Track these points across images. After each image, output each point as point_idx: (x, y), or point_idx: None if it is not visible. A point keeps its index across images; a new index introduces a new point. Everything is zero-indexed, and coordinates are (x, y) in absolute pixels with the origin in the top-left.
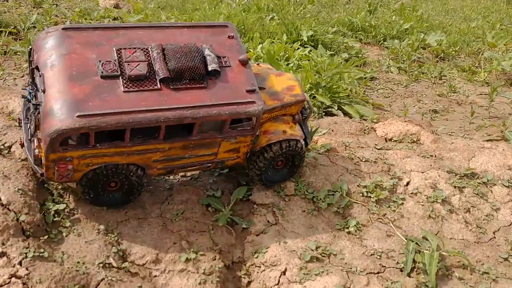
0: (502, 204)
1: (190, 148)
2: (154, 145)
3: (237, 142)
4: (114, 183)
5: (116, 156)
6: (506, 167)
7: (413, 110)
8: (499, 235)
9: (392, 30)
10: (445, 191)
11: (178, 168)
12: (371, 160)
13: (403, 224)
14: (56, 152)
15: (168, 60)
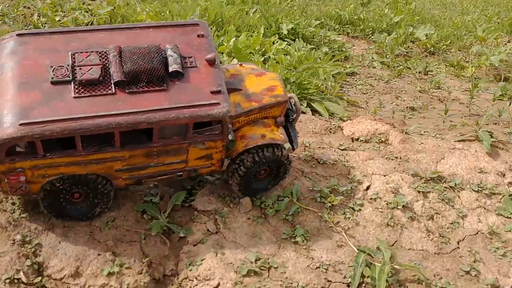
0: (469, 211)
1: (154, 156)
2: (112, 153)
3: (207, 148)
4: (78, 194)
5: (73, 166)
6: (477, 170)
7: (389, 107)
8: (464, 245)
9: (382, 23)
10: (407, 197)
11: (147, 178)
12: (331, 162)
13: (357, 233)
14: (3, 163)
15: (124, 63)
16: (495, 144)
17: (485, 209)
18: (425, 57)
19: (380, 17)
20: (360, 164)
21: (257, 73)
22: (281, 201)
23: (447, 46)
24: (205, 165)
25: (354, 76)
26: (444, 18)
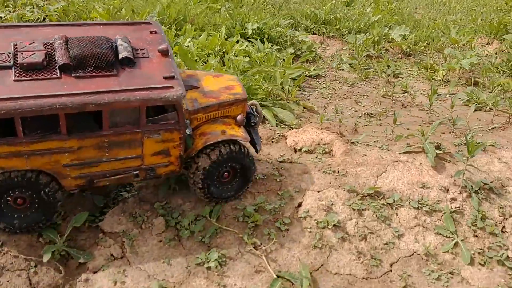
0: (406, 230)
1: (106, 149)
2: (58, 142)
3: (164, 141)
4: (22, 200)
5: (14, 159)
6: (420, 184)
7: (347, 113)
8: (396, 268)
9: (359, 23)
10: (340, 215)
11: (99, 177)
12: (263, 176)
13: (280, 256)
14: None
15: (70, 48)
16: (442, 156)
17: (424, 227)
18: (400, 59)
19: (359, 17)
20: (295, 178)
21: (214, 75)
22: (199, 221)
23: (425, 47)
24: (163, 163)
25: (319, 79)
26: (427, 18)
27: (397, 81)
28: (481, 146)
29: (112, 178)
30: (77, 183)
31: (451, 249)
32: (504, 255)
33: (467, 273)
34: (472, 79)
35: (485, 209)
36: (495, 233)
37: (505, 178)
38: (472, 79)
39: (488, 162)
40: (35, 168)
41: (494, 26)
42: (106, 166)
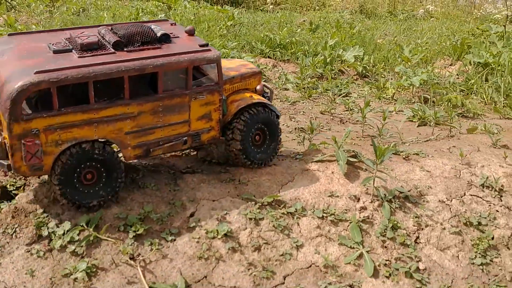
0: (307, 240)
1: (160, 114)
2: (122, 108)
3: (206, 103)
4: (91, 174)
5: (85, 128)
6: (328, 193)
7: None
8: (290, 280)
9: (317, 46)
10: (234, 224)
11: (154, 146)
12: (158, 185)
13: (160, 267)
14: (19, 121)
15: (117, 31)
16: (358, 165)
17: (327, 238)
18: (355, 80)
19: (317, 40)
20: (192, 188)
21: (227, 59)
22: (74, 231)
23: (383, 69)
24: (206, 129)
25: None
26: (389, 42)
27: (343, 99)
28: (389, 151)
29: (165, 146)
30: (135, 153)
31: (354, 260)
32: (413, 267)
33: (369, 285)
34: (422, 96)
35: (399, 218)
36: (407, 244)
37: (424, 187)
38: (422, 96)
39: (408, 170)
40: (102, 137)
41: (458, 48)
42: (160, 133)
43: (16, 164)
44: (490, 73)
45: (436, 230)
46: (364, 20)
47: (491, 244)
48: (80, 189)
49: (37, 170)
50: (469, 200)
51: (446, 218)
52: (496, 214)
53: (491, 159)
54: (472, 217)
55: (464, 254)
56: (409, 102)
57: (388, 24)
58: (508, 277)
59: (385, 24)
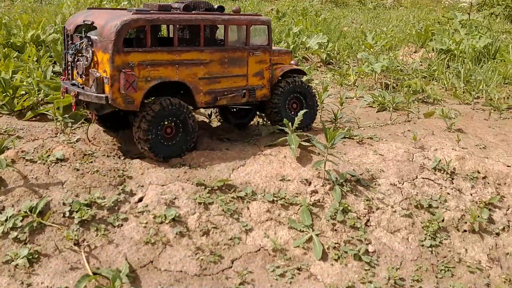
0: (256, 224)
1: (226, 64)
2: (197, 53)
3: (260, 61)
4: (170, 129)
5: (169, 68)
6: (279, 177)
7: None
8: (238, 264)
9: (281, 34)
10: (182, 209)
11: (220, 95)
12: (107, 171)
13: (105, 252)
14: (120, 53)
15: (183, 1)
16: (311, 149)
17: (276, 221)
18: (319, 67)
19: (281, 27)
20: (141, 173)
21: None
22: (17, 217)
23: (347, 56)
24: (259, 85)
25: None
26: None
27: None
28: (340, 134)
29: (229, 96)
30: (206, 99)
31: (303, 243)
32: (362, 250)
33: (317, 268)
34: (383, 82)
35: (350, 201)
36: (357, 227)
37: (377, 170)
38: (383, 82)
39: (361, 154)
40: (181, 79)
41: (422, 35)
42: (225, 83)
43: (114, 95)
44: (451, 59)
45: (386, 213)
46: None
47: (441, 226)
48: (163, 142)
49: (130, 103)
50: (421, 183)
51: (397, 201)
52: (447, 197)
53: (444, 143)
54: (423, 199)
55: (414, 236)
56: (371, 88)
57: (356, 13)
58: (456, 258)
59: (354, 13)
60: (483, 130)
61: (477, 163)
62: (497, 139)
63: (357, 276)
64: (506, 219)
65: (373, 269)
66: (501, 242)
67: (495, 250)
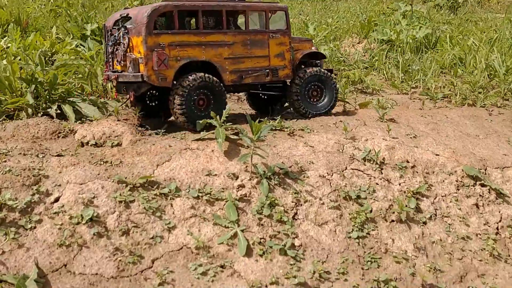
0: (180, 222)
1: (248, 46)
2: (221, 35)
3: (280, 44)
4: (203, 101)
5: (196, 48)
6: (205, 172)
7: None
8: (158, 264)
9: None
10: (101, 208)
11: (245, 74)
12: (18, 170)
13: (14, 257)
14: (151, 35)
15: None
16: (240, 143)
17: (201, 218)
18: None
19: None
20: (59, 171)
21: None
22: None
23: None
24: (281, 66)
25: None
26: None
27: None
28: (266, 127)
29: (253, 75)
30: (232, 77)
31: (228, 240)
32: (288, 244)
33: (241, 265)
34: None
35: (278, 195)
36: (284, 221)
37: (306, 162)
38: None
39: (291, 146)
40: (208, 59)
41: (365, 26)
42: (249, 63)
43: (148, 72)
44: (392, 50)
45: (314, 205)
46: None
47: (369, 217)
48: (197, 113)
49: (163, 79)
50: (350, 174)
51: (325, 193)
52: (376, 187)
53: (376, 133)
54: (352, 191)
55: (342, 228)
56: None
57: (305, 5)
58: (383, 249)
59: (302, 5)
60: (416, 119)
61: (406, 153)
62: (428, 128)
63: (282, 271)
64: (433, 207)
65: (298, 263)
66: (428, 231)
67: (422, 239)
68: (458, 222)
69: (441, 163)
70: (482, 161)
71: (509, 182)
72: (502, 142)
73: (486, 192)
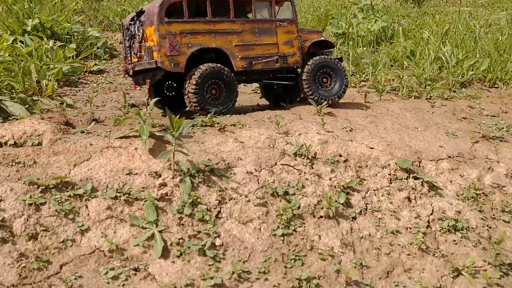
0: (94, 224)
1: (256, 34)
2: (229, 24)
3: (287, 32)
4: (215, 90)
5: (207, 36)
6: (126, 171)
7: (111, 104)
8: (67, 269)
9: None
10: (7, 212)
11: (255, 60)
12: None
13: None
14: (163, 23)
15: None
16: (167, 140)
17: (118, 219)
18: None
19: None
20: None
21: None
22: None
23: None
24: (290, 53)
25: (102, 74)
26: None
27: None
28: (189, 122)
29: (262, 61)
30: (242, 64)
31: (144, 241)
32: (208, 244)
33: (156, 267)
34: None
35: (201, 193)
36: (206, 220)
37: (234, 159)
38: None
39: (220, 142)
40: (218, 46)
41: (323, 19)
42: (258, 50)
43: (161, 58)
44: (347, 43)
45: (239, 203)
46: None
47: (296, 213)
48: (209, 100)
49: (175, 65)
50: (280, 170)
51: (252, 190)
52: (305, 183)
53: (310, 127)
54: (280, 187)
55: (267, 226)
56: None
57: None
58: (308, 246)
59: None
60: (355, 112)
61: (340, 147)
62: (367, 121)
63: (199, 272)
64: (364, 202)
65: (218, 264)
66: (357, 226)
67: (350, 235)
68: (389, 216)
69: (374, 157)
70: (417, 154)
71: (443, 174)
72: (441, 134)
73: (419, 185)
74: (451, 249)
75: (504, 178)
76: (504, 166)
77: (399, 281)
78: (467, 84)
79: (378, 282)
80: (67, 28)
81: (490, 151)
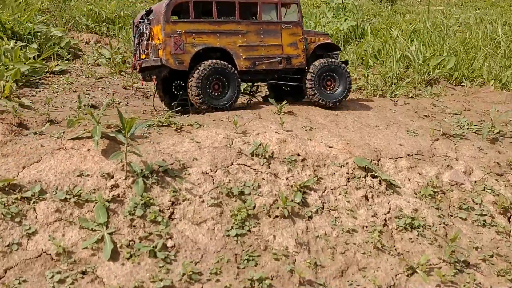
0: (42, 227)
1: (261, 35)
2: (234, 25)
3: (292, 34)
4: (217, 86)
5: (211, 36)
6: (77, 173)
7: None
8: (12, 273)
9: None
10: None
11: (259, 61)
12: None
13: None
14: (169, 23)
15: None
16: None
17: (67, 221)
18: None
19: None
20: None
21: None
22: None
23: None
24: (294, 55)
25: (64, 74)
26: None
27: None
28: (142, 123)
29: (267, 62)
30: (246, 64)
31: (93, 244)
32: (159, 245)
33: (105, 270)
34: None
35: (154, 194)
36: (158, 221)
37: (189, 159)
38: None
39: (176, 143)
40: (223, 46)
41: None
42: (262, 51)
43: (166, 56)
44: None
45: (193, 203)
46: None
47: (251, 213)
48: (212, 95)
49: (180, 63)
50: (236, 170)
51: (206, 190)
52: (262, 182)
53: (269, 126)
54: (236, 187)
55: (221, 226)
56: None
57: None
58: (262, 246)
59: None
60: (317, 111)
61: (298, 146)
62: (327, 120)
63: (149, 274)
64: (321, 201)
65: (168, 265)
66: (313, 226)
67: (306, 234)
68: (346, 215)
69: (333, 155)
70: (376, 152)
71: (401, 172)
72: (401, 132)
73: (377, 183)
74: (407, 247)
75: (462, 175)
76: (462, 164)
77: (353, 280)
78: (433, 83)
79: (332, 281)
80: (29, 28)
81: (450, 148)
